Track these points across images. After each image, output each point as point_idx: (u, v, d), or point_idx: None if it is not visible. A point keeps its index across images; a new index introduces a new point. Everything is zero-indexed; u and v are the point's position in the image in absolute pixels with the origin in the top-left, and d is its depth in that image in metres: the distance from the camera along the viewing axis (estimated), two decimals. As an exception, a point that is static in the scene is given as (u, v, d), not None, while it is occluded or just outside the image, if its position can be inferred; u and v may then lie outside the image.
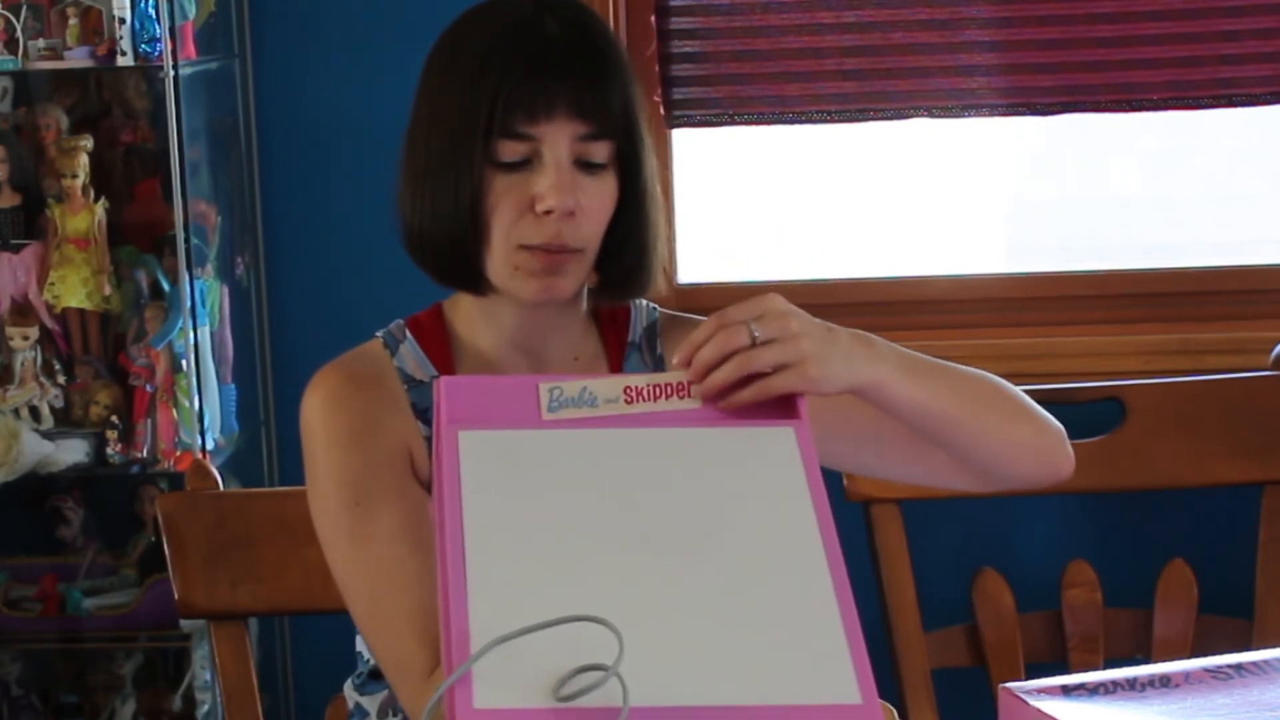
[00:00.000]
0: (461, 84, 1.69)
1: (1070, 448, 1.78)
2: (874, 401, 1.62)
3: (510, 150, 1.67)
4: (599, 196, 1.70)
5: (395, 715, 1.80)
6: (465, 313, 1.80)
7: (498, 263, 1.70)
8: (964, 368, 1.71)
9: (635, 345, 1.83)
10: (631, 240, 1.74)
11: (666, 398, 1.46)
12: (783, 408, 1.48)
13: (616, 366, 1.81)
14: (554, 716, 1.17)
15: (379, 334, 1.83)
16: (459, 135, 1.68)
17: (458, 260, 1.71)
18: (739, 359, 1.48)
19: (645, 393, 1.45)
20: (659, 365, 1.82)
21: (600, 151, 1.69)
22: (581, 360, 1.80)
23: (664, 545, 1.33)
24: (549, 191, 1.66)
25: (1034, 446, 1.75)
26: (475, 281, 1.73)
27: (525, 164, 1.68)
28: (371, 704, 1.81)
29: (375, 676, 1.82)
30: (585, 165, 1.69)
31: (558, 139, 1.67)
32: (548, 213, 1.67)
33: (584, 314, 1.82)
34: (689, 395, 1.47)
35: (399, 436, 1.72)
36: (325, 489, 1.72)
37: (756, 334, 1.50)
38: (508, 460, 1.38)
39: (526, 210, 1.68)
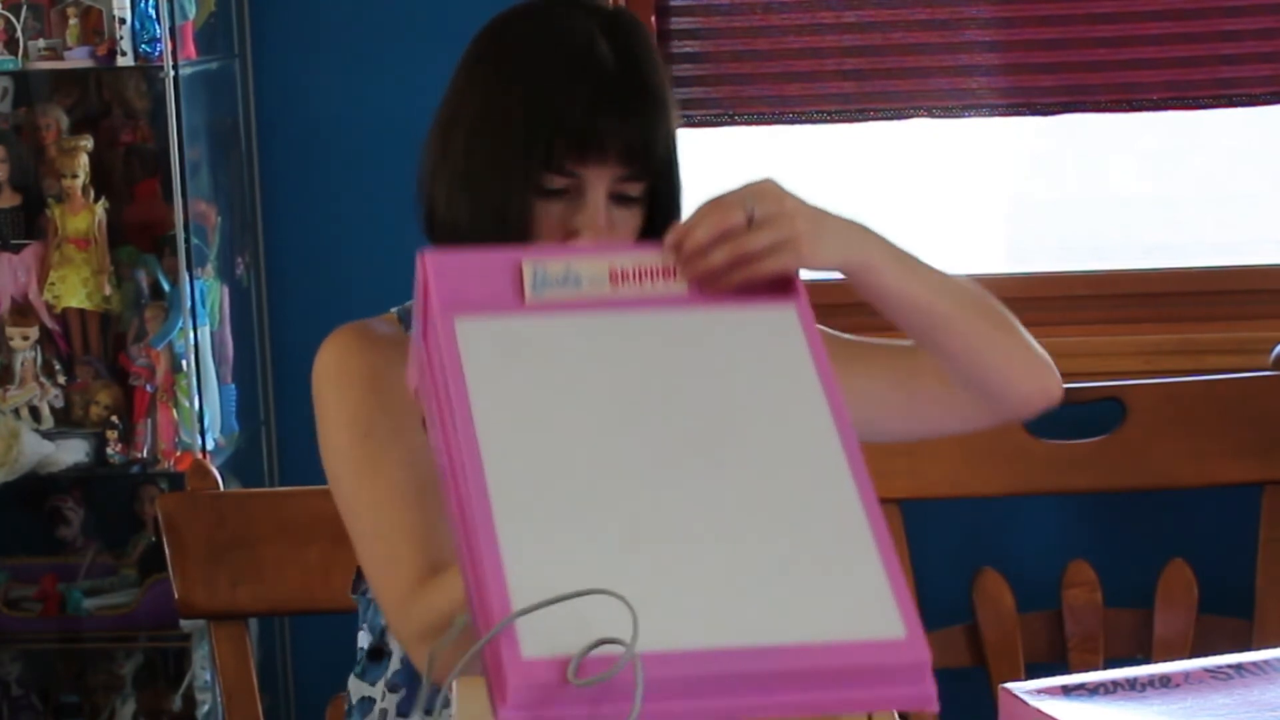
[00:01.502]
0: (514, 104, 1.68)
1: (1058, 374, 1.78)
2: (863, 287, 1.60)
3: (553, 181, 1.67)
4: (628, 230, 1.70)
5: (396, 691, 1.80)
6: None
7: None
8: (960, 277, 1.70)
9: None
10: None
11: (653, 280, 1.42)
12: (777, 285, 1.45)
13: None
14: (604, 666, 1.15)
15: (394, 309, 1.84)
16: (510, 159, 1.67)
17: None
18: (733, 243, 1.45)
19: (631, 274, 1.42)
20: None
21: (636, 188, 1.70)
22: None
23: (681, 451, 1.29)
24: (587, 231, 1.67)
25: (1026, 360, 1.74)
26: None
27: (564, 193, 1.68)
28: (374, 689, 1.82)
29: (374, 657, 1.82)
30: (620, 198, 1.69)
31: (600, 180, 1.67)
32: None
33: None
34: (675, 278, 1.43)
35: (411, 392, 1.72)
36: (336, 427, 1.73)
37: (754, 213, 1.48)
38: (507, 354, 1.34)
39: (560, 241, 1.68)
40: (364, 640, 1.83)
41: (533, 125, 1.66)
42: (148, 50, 2.89)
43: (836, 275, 1.62)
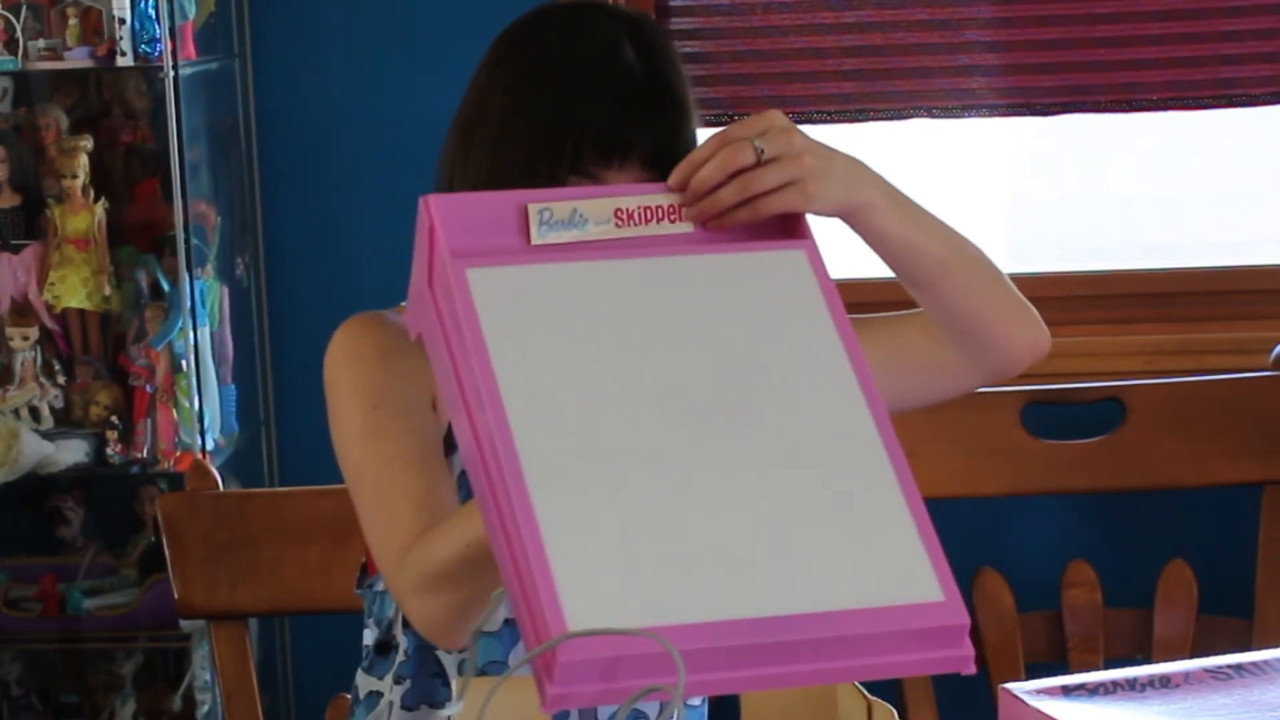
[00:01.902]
0: (539, 107, 1.68)
1: (1047, 329, 1.78)
2: (862, 229, 1.59)
3: (576, 184, 1.67)
4: None
5: (402, 683, 1.80)
6: None
7: None
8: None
9: None
10: None
11: (658, 221, 1.42)
12: (784, 227, 1.44)
13: None
14: (644, 645, 1.15)
15: (404, 303, 1.84)
16: (535, 163, 1.67)
17: None
18: (742, 180, 1.44)
19: (636, 215, 1.41)
20: None
21: None
22: None
23: (704, 404, 1.28)
24: None
25: (1018, 310, 1.76)
26: None
27: None
28: (382, 683, 1.82)
29: (381, 651, 1.82)
30: None
31: (623, 182, 1.67)
32: None
33: None
34: (680, 219, 1.43)
35: (422, 378, 1.72)
36: (346, 401, 1.73)
37: (762, 150, 1.47)
38: (520, 307, 1.32)
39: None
40: (370, 636, 1.83)
41: (558, 128, 1.66)
42: (148, 50, 2.89)
43: (837, 275, 1.61)
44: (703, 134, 1.76)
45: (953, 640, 1.19)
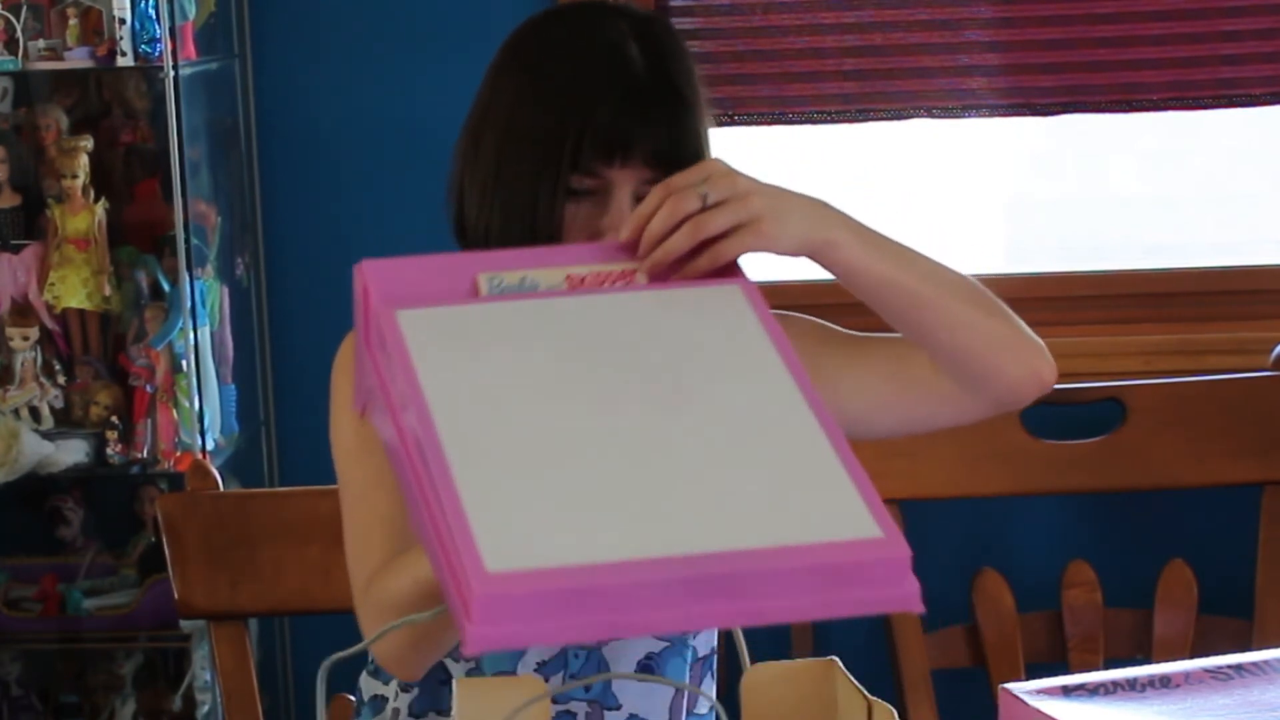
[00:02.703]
0: (544, 106, 1.68)
1: (1052, 359, 1.73)
2: (830, 265, 1.59)
3: (580, 183, 1.68)
4: None
5: (409, 691, 1.80)
6: None
7: None
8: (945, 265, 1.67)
9: None
10: None
11: (611, 283, 1.43)
12: (719, 270, 1.45)
13: None
14: (572, 575, 1.14)
15: None
16: (540, 161, 1.67)
17: None
18: (690, 225, 1.45)
19: (589, 280, 1.42)
20: None
21: None
22: None
23: (636, 402, 1.29)
24: (612, 233, 1.66)
25: (1013, 343, 1.69)
26: None
27: (590, 194, 1.68)
28: (387, 688, 1.82)
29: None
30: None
31: (626, 182, 1.68)
32: None
33: None
34: (634, 281, 1.44)
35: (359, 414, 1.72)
36: (341, 412, 1.74)
37: (707, 196, 1.48)
38: (454, 336, 1.33)
39: (586, 241, 1.68)
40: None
41: (560, 126, 1.67)
42: (148, 50, 2.89)
43: (828, 275, 1.62)
44: (715, 134, 1.76)
45: (895, 577, 1.17)
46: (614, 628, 1.16)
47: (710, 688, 1.85)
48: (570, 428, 1.26)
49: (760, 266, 1.81)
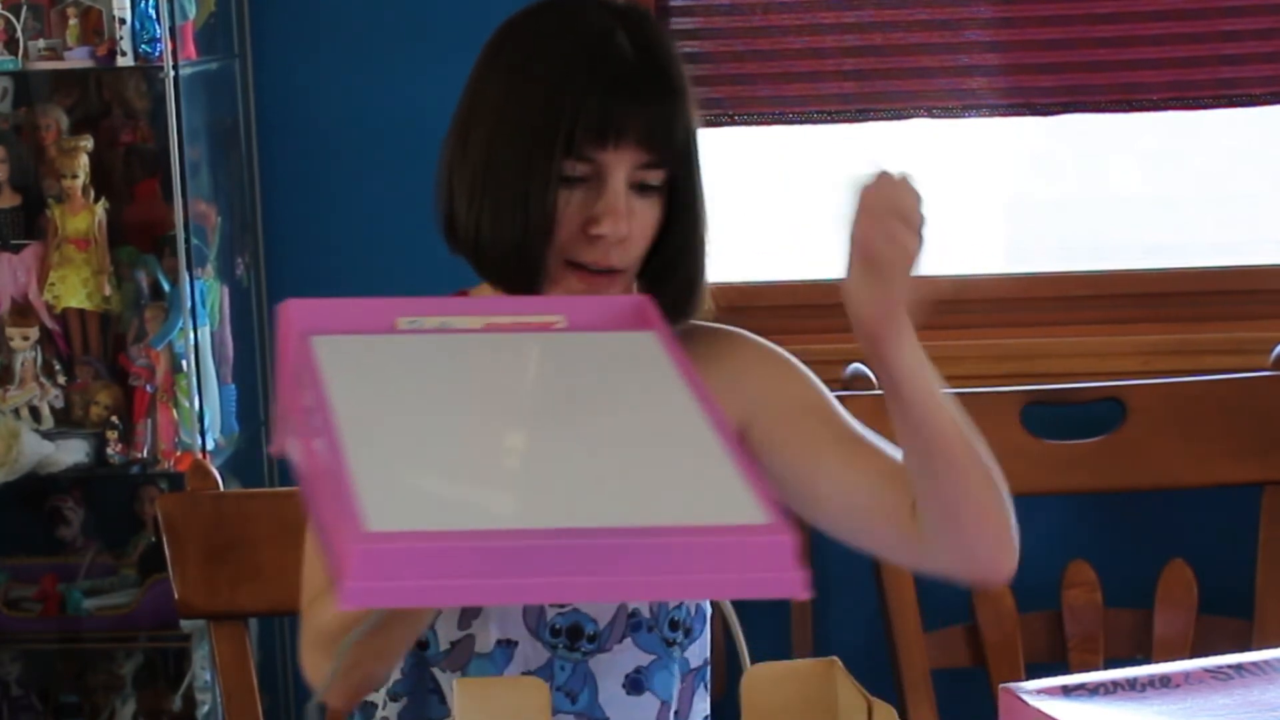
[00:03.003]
0: (534, 96, 1.69)
1: (1016, 558, 1.68)
2: (891, 357, 1.58)
3: (573, 169, 1.68)
4: (648, 219, 1.71)
5: (398, 700, 1.80)
6: None
7: (541, 272, 1.70)
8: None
9: None
10: (682, 264, 1.75)
11: (529, 331, 1.45)
12: (636, 320, 1.47)
13: None
14: (448, 537, 1.15)
15: None
16: (531, 150, 1.67)
17: (519, 270, 1.70)
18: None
19: (508, 328, 1.44)
20: None
21: (655, 177, 1.70)
22: None
23: (539, 410, 1.32)
24: (607, 220, 1.67)
25: (996, 524, 1.66)
26: (532, 290, 1.71)
27: (583, 180, 1.68)
28: (377, 695, 1.82)
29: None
30: (639, 187, 1.70)
31: (620, 166, 1.68)
32: (601, 236, 1.68)
33: None
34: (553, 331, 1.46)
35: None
36: None
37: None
38: (365, 357, 1.37)
39: (579, 230, 1.68)
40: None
41: (552, 112, 1.67)
42: (148, 50, 2.89)
43: (838, 275, 1.61)
44: (705, 135, 1.77)
45: (779, 561, 1.17)
46: (488, 592, 1.17)
47: (704, 699, 1.84)
48: (467, 426, 1.30)
49: (759, 267, 1.81)
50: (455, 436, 1.29)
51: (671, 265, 1.74)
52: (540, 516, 1.18)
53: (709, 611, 1.82)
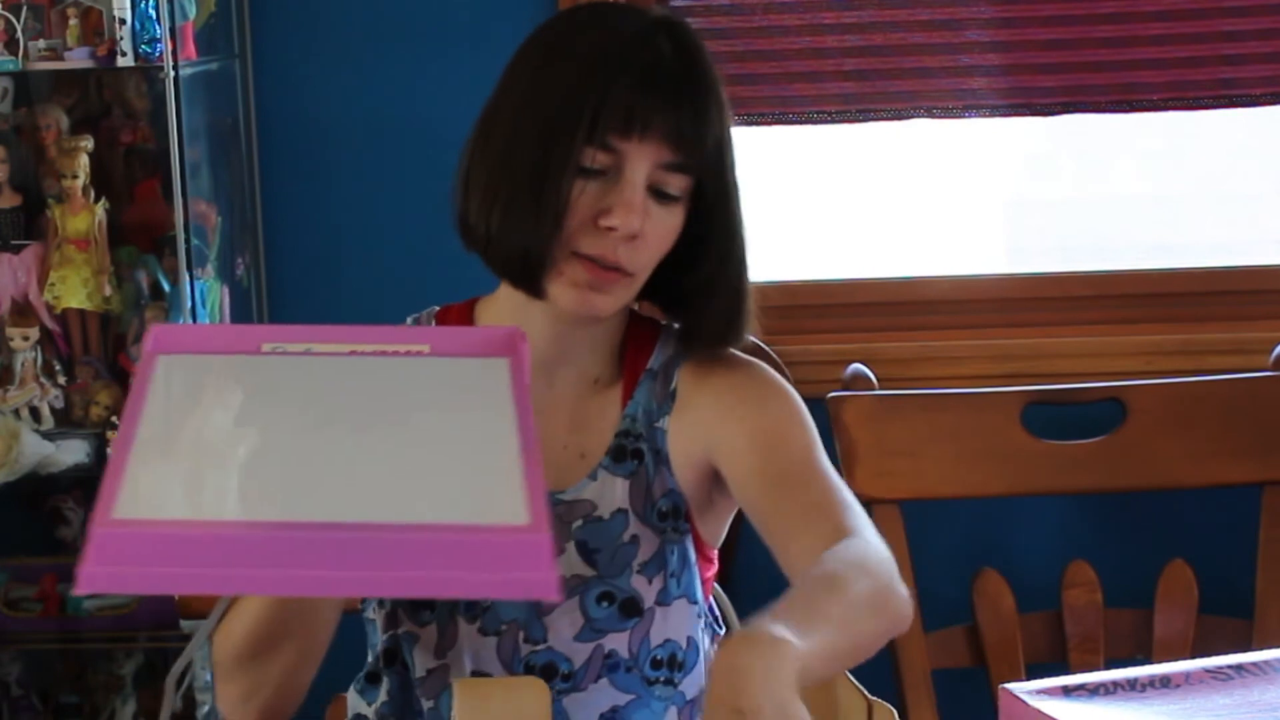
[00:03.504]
0: (564, 86, 1.66)
1: (907, 608, 1.56)
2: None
3: (593, 158, 1.65)
4: (663, 227, 1.68)
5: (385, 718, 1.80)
6: (496, 314, 1.79)
7: (548, 264, 1.67)
8: (843, 573, 1.51)
9: (651, 373, 1.79)
10: (720, 288, 1.72)
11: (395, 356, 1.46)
12: (501, 348, 1.46)
13: (629, 393, 1.78)
14: (191, 525, 1.17)
15: (409, 318, 1.83)
16: (552, 137, 1.64)
17: (528, 262, 1.67)
18: None
19: (372, 354, 1.45)
20: (671, 398, 1.77)
21: (677, 184, 1.68)
22: (600, 384, 1.79)
23: (349, 422, 1.33)
24: (619, 211, 1.65)
25: (886, 634, 1.54)
26: (537, 284, 1.69)
27: (601, 174, 1.66)
28: (369, 710, 1.81)
29: (370, 680, 1.82)
30: (659, 193, 1.67)
31: (642, 160, 1.65)
32: (611, 229, 1.65)
33: (617, 337, 1.79)
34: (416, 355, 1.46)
35: None
36: None
37: None
38: (203, 378, 1.38)
39: (591, 221, 1.66)
40: (369, 659, 1.83)
41: (578, 97, 1.64)
42: (148, 50, 2.89)
43: (837, 275, 1.61)
44: (736, 132, 1.75)
45: (533, 561, 1.17)
46: (225, 581, 1.18)
47: None
48: (271, 433, 1.30)
49: (759, 267, 1.81)
50: (253, 442, 1.29)
51: (709, 288, 1.72)
52: (290, 511, 1.19)
53: (702, 640, 1.78)
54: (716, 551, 1.83)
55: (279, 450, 1.29)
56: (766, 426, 1.72)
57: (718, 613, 1.85)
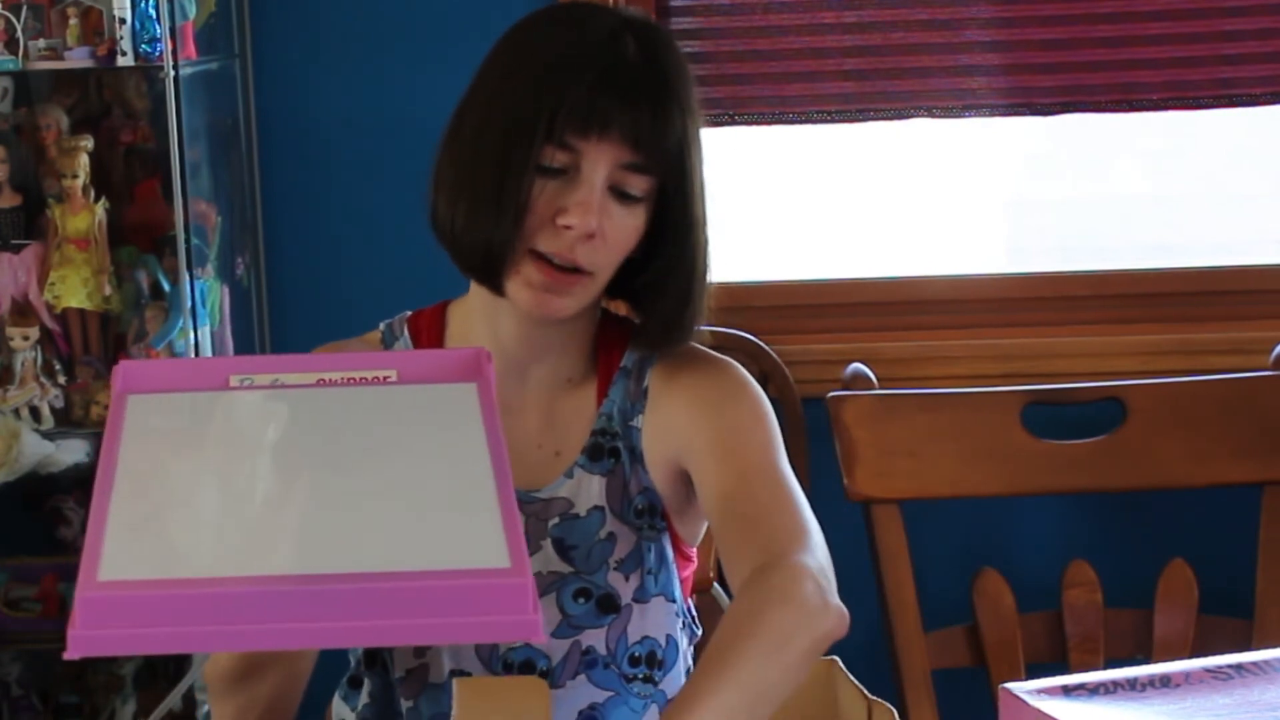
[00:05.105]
0: (527, 84, 1.66)
1: (840, 620, 1.55)
2: None
3: (553, 157, 1.65)
4: (623, 228, 1.68)
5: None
6: (466, 315, 1.80)
7: (507, 262, 1.68)
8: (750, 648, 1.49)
9: (625, 371, 1.79)
10: (671, 286, 1.72)
11: (362, 384, 1.46)
12: (467, 371, 1.47)
13: (603, 392, 1.79)
14: (179, 585, 1.17)
15: (382, 325, 1.83)
16: (513, 136, 1.65)
17: (489, 258, 1.68)
18: None
19: (340, 383, 1.45)
20: (643, 396, 1.78)
21: (638, 184, 1.67)
22: (573, 382, 1.79)
23: (326, 461, 1.33)
24: (575, 209, 1.65)
25: (804, 660, 1.52)
26: (497, 281, 1.70)
27: (561, 173, 1.66)
28: (351, 715, 1.81)
29: (352, 684, 1.82)
30: (620, 193, 1.67)
31: (600, 159, 1.65)
32: (568, 228, 1.65)
33: (588, 335, 1.79)
34: (383, 382, 1.46)
35: None
36: None
37: None
38: (175, 419, 1.38)
39: (549, 219, 1.66)
40: (351, 663, 1.83)
41: (539, 96, 1.65)
42: (148, 50, 2.89)
43: (837, 275, 1.61)
44: (705, 134, 1.75)
45: (515, 604, 1.18)
46: (213, 639, 1.19)
47: None
48: (249, 479, 1.31)
49: (759, 267, 1.81)
50: (231, 489, 1.30)
51: (659, 286, 1.72)
52: (277, 564, 1.20)
53: (681, 639, 1.78)
54: (695, 550, 1.83)
55: (256, 500, 1.29)
56: (725, 430, 1.72)
57: (695, 613, 1.84)
